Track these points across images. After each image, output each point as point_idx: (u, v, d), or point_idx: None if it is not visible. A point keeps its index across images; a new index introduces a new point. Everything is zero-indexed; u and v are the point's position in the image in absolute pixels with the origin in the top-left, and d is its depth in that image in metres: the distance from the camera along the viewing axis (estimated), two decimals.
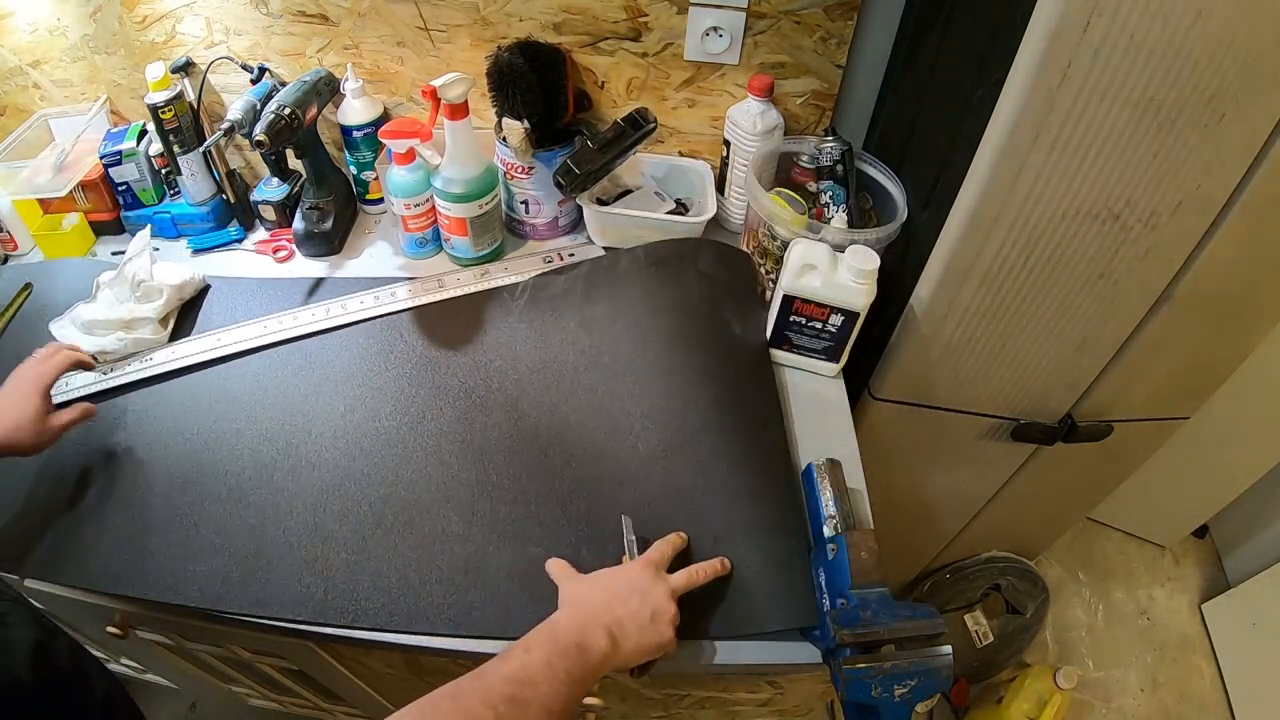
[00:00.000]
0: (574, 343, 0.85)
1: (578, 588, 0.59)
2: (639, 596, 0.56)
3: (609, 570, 0.61)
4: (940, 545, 1.29)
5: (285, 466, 0.74)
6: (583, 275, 0.93)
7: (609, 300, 0.89)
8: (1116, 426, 0.96)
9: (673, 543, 0.64)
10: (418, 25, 0.93)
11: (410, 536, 0.69)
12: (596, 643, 0.53)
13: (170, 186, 1.02)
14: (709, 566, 0.63)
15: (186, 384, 0.82)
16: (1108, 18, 0.55)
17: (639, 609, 0.55)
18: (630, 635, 0.54)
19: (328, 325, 0.87)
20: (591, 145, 0.88)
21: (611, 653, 0.53)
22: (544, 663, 0.49)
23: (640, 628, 0.55)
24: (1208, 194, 0.67)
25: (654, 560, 0.61)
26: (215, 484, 0.72)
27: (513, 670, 0.49)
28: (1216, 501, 1.61)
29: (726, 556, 0.65)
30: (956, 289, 0.78)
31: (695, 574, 0.61)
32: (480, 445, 0.76)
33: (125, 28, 0.96)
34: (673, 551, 0.64)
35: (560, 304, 0.90)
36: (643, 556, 0.62)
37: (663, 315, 0.85)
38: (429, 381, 0.82)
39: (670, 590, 0.58)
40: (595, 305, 0.89)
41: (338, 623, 0.63)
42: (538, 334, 0.86)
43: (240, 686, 1.04)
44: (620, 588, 0.57)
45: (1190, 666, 1.58)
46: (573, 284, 0.92)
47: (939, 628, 0.56)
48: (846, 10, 0.86)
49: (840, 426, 0.81)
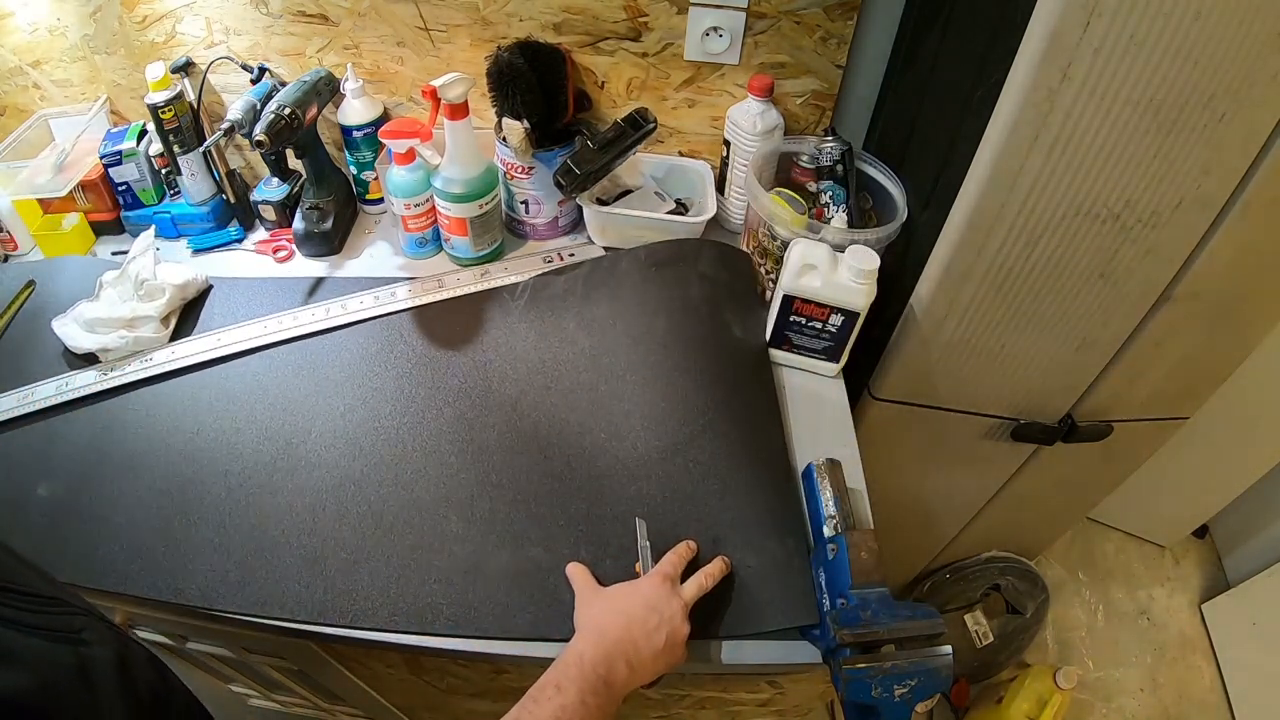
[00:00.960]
0: (574, 343, 0.85)
1: (597, 614, 0.59)
2: (655, 618, 0.56)
3: (626, 589, 0.60)
4: (940, 545, 1.29)
5: (285, 466, 0.74)
6: (583, 276, 0.93)
7: (609, 301, 0.89)
8: (1116, 426, 0.96)
9: (682, 554, 0.64)
10: (418, 25, 0.93)
11: (409, 536, 0.69)
12: (619, 674, 0.54)
13: (170, 186, 1.02)
14: (714, 569, 0.63)
15: (186, 383, 0.82)
16: (1108, 17, 0.55)
17: (655, 633, 0.56)
18: (646, 662, 0.55)
19: (328, 325, 0.87)
20: (592, 145, 0.88)
21: (629, 681, 0.54)
22: (579, 702, 0.50)
23: (655, 653, 0.55)
24: (1208, 194, 0.67)
25: (669, 574, 0.61)
26: (215, 483, 0.72)
27: (551, 714, 0.49)
28: (1216, 501, 1.61)
29: (726, 556, 0.65)
30: (956, 289, 0.78)
31: (704, 581, 0.61)
32: (479, 445, 0.76)
33: (125, 28, 0.96)
34: (683, 563, 0.63)
35: (560, 304, 0.90)
36: (657, 570, 0.61)
37: (662, 316, 0.85)
38: (428, 381, 0.82)
39: (684, 605, 0.58)
40: (595, 306, 0.89)
41: (337, 623, 0.63)
42: (537, 334, 0.86)
43: (240, 686, 1.04)
44: (639, 611, 0.57)
45: (1190, 666, 1.58)
46: (573, 284, 0.92)
47: (939, 628, 0.56)
48: (846, 10, 0.86)
49: (840, 426, 0.81)
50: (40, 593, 0.43)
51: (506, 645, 0.63)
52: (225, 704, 1.16)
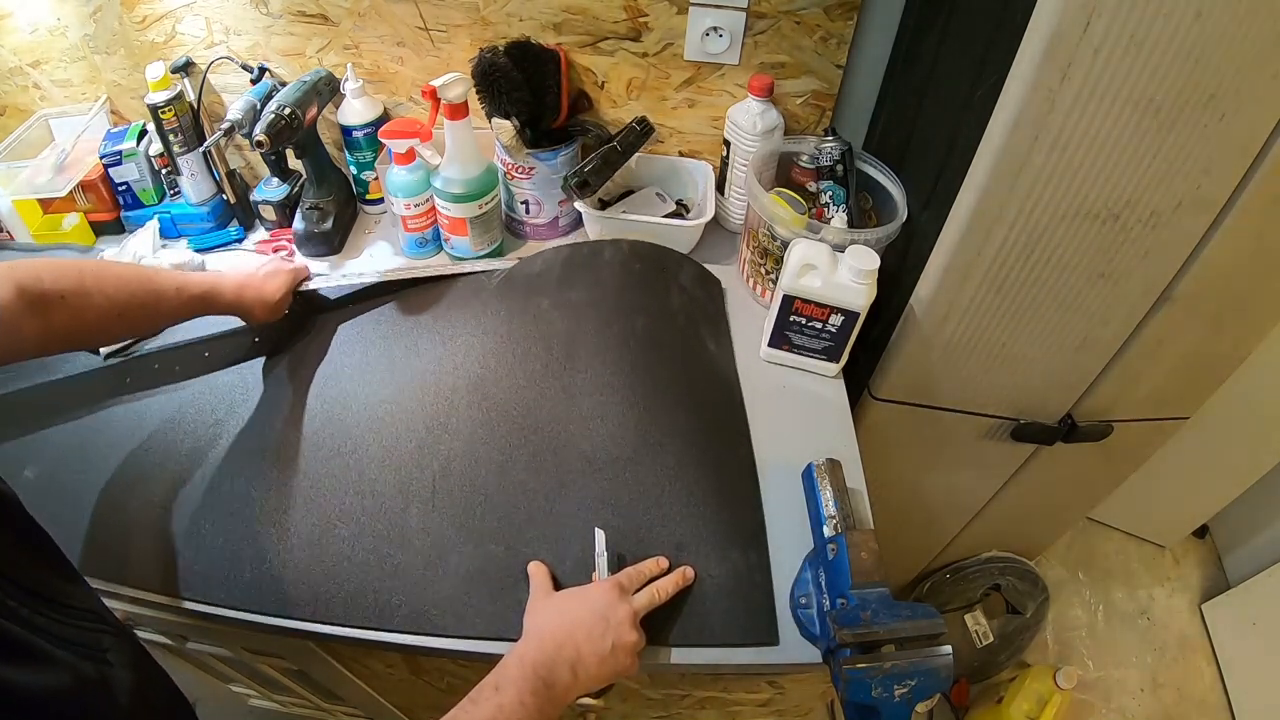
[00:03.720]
0: (549, 323, 0.83)
1: (543, 618, 0.59)
2: (601, 626, 0.56)
3: (577, 594, 0.60)
4: (940, 545, 1.29)
5: (280, 464, 0.73)
6: (562, 259, 0.91)
7: (589, 288, 0.87)
8: (1116, 426, 0.96)
9: (648, 569, 0.63)
10: (418, 25, 0.93)
11: (368, 529, 0.68)
12: (560, 678, 0.54)
13: (170, 186, 1.02)
14: (670, 583, 0.62)
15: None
16: (1108, 17, 0.55)
17: (600, 640, 0.56)
18: (589, 669, 0.55)
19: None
20: (598, 155, 0.89)
21: (572, 686, 0.55)
22: (517, 702, 0.51)
23: (599, 660, 0.55)
24: (1208, 194, 0.67)
25: (622, 584, 0.60)
26: (214, 482, 0.72)
27: (489, 714, 0.50)
28: (1216, 501, 1.60)
29: (690, 566, 0.64)
30: (956, 289, 0.78)
31: (656, 594, 0.61)
32: (445, 438, 0.74)
33: (125, 28, 0.96)
34: (643, 577, 0.63)
35: (537, 283, 0.88)
36: (613, 578, 0.61)
37: (641, 316, 0.84)
38: (392, 362, 0.82)
39: (633, 615, 0.58)
40: (573, 290, 0.87)
41: (337, 621, 0.63)
42: (509, 311, 0.85)
43: (240, 686, 1.04)
44: (585, 616, 0.57)
45: (1190, 666, 1.58)
46: (551, 264, 0.90)
47: (939, 627, 0.56)
48: (846, 10, 0.86)
49: (840, 426, 0.81)
50: (76, 605, 0.43)
51: (507, 645, 0.63)
52: (225, 704, 1.16)
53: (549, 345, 0.81)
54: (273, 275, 0.83)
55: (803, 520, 0.71)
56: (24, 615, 0.39)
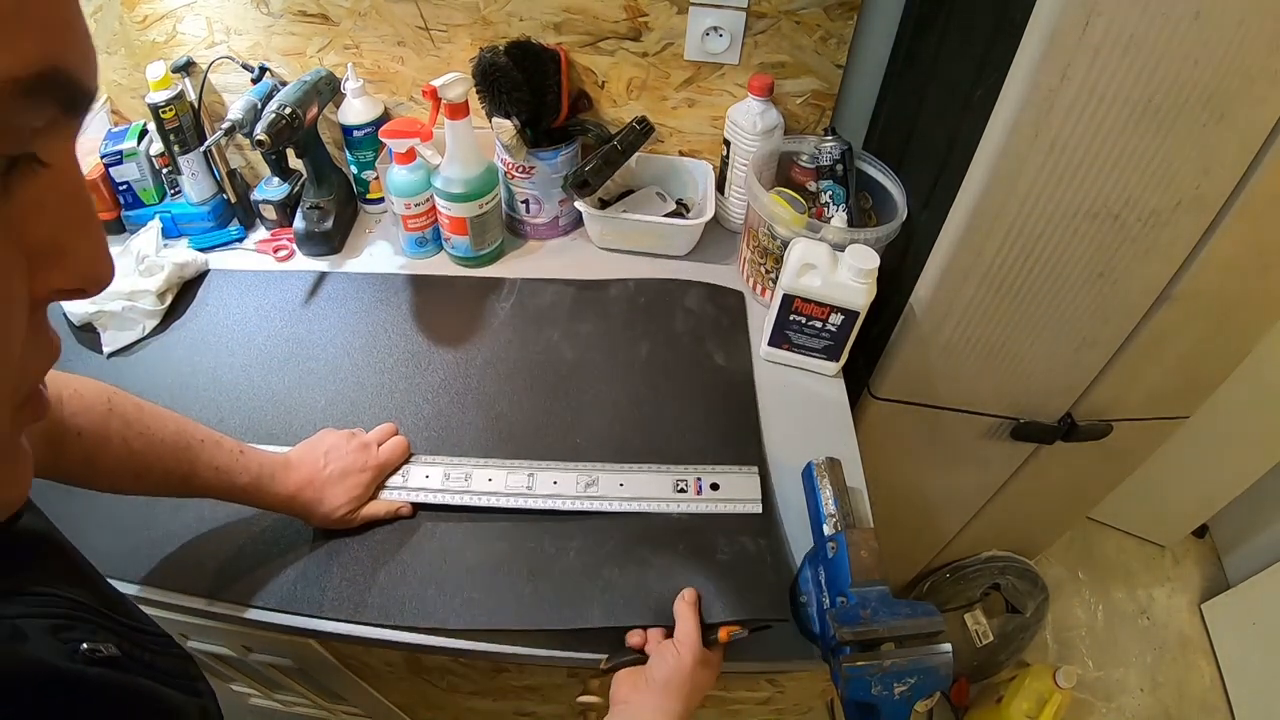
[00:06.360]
0: (558, 352, 0.86)
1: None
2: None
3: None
4: (940, 544, 1.29)
5: None
6: (572, 293, 0.94)
7: (597, 320, 0.90)
8: (1116, 426, 0.96)
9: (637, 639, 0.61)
10: (418, 25, 0.94)
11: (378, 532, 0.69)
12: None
13: (171, 186, 1.02)
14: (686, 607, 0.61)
15: (161, 372, 0.82)
16: (1107, 18, 0.55)
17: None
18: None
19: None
20: (599, 155, 0.88)
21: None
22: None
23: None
24: (1207, 194, 0.67)
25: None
26: None
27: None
28: (1216, 501, 1.61)
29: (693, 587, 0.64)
30: (956, 288, 0.78)
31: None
32: (455, 443, 0.76)
33: (125, 27, 0.96)
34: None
35: (548, 315, 0.91)
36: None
37: (645, 342, 0.87)
38: (409, 376, 0.83)
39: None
40: (582, 323, 0.90)
41: (338, 617, 0.63)
42: (522, 340, 0.87)
43: (241, 686, 1.04)
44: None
45: (1190, 666, 1.58)
46: (561, 298, 0.93)
47: (939, 625, 0.56)
48: (846, 10, 0.86)
49: (840, 426, 0.81)
50: (158, 631, 0.41)
51: (506, 645, 0.63)
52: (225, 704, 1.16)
53: (559, 371, 0.84)
54: (341, 477, 0.65)
55: (802, 518, 0.71)
56: (146, 660, 0.35)
